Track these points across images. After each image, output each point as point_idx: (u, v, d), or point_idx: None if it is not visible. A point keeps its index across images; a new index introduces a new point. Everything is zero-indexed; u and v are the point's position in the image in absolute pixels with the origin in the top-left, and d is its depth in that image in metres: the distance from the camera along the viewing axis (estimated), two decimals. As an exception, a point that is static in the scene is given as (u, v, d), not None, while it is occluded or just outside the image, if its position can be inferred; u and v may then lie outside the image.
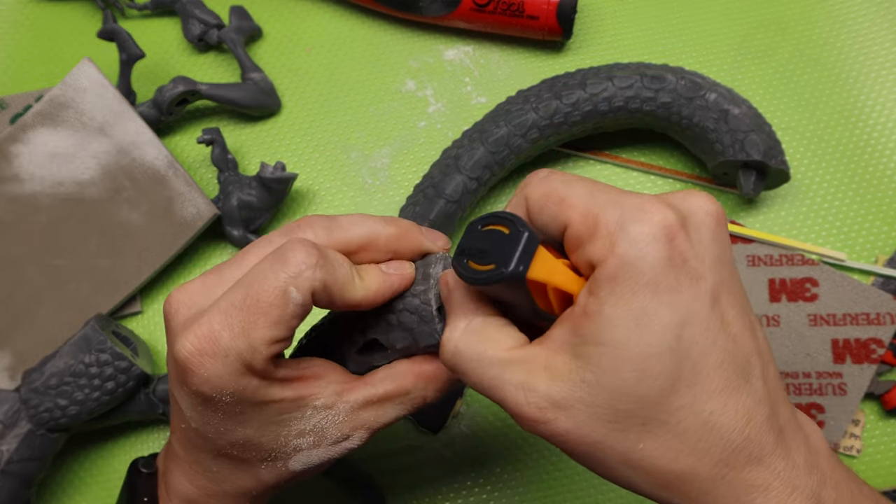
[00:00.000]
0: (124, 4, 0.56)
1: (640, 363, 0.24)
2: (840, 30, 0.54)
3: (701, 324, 0.24)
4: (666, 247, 0.24)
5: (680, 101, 0.47)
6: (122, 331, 0.47)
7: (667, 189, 0.51)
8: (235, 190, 0.49)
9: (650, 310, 0.24)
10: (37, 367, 0.44)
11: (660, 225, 0.24)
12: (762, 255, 0.49)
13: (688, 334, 0.24)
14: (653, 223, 0.24)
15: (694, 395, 0.24)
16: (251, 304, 0.28)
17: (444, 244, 0.35)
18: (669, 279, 0.24)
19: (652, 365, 0.24)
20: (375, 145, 0.53)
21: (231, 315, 0.28)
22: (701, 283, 0.24)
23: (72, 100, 0.50)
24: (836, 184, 0.51)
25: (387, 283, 0.32)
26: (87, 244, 0.49)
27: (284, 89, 0.55)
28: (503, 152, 0.47)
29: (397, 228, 0.33)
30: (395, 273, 0.32)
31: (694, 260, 0.24)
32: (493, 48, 0.55)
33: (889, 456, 0.47)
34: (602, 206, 0.25)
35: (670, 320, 0.24)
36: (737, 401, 0.25)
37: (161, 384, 0.46)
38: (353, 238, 0.32)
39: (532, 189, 0.28)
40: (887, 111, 0.52)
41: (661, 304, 0.24)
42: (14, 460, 0.42)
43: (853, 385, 0.47)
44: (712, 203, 0.26)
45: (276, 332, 0.29)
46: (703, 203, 0.26)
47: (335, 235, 0.32)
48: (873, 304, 0.47)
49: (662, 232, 0.24)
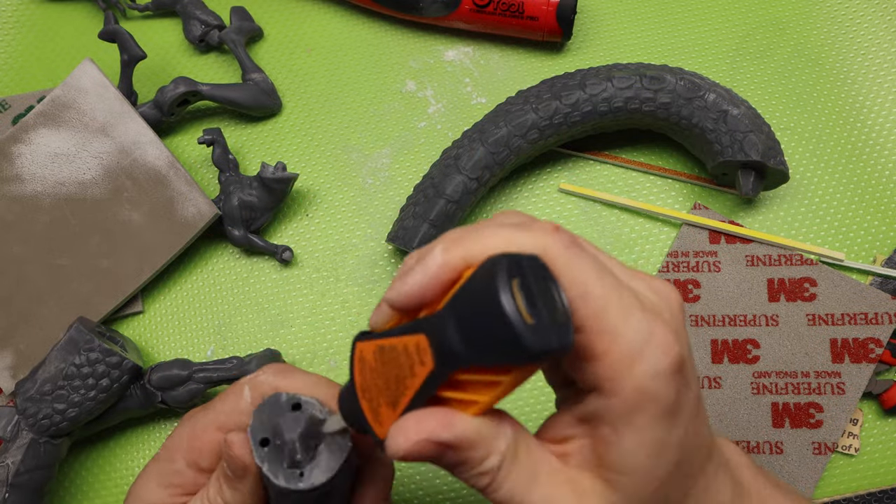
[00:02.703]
0: (125, 5, 0.56)
1: (660, 482, 0.25)
2: (839, 30, 0.54)
3: (693, 424, 0.26)
4: (680, 377, 0.24)
5: (679, 101, 0.47)
6: (105, 330, 0.47)
7: (666, 189, 0.51)
8: (236, 190, 0.49)
9: (667, 437, 0.25)
10: (28, 377, 0.44)
11: (677, 359, 0.24)
12: (761, 254, 0.49)
13: (688, 442, 0.25)
14: (671, 356, 0.24)
15: (695, 480, 0.27)
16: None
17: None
18: (679, 401, 0.25)
19: (668, 479, 0.25)
20: (375, 145, 0.53)
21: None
22: (692, 389, 0.25)
23: (73, 100, 0.50)
24: (835, 184, 0.51)
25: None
26: (88, 244, 0.49)
27: (285, 90, 0.55)
28: (503, 153, 0.47)
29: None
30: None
31: (689, 370, 0.25)
32: (492, 49, 0.55)
33: (887, 455, 0.47)
34: (618, 318, 0.24)
35: (678, 436, 0.25)
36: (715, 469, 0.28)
37: (155, 372, 0.46)
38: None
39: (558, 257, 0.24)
40: (886, 111, 0.52)
41: (673, 427, 0.25)
42: (21, 472, 0.42)
43: (851, 384, 0.47)
44: (677, 291, 0.27)
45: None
46: (676, 295, 0.27)
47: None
48: (871, 303, 0.48)
49: (678, 365, 0.24)
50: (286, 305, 0.51)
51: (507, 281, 0.20)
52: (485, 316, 0.20)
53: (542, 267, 0.22)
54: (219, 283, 0.51)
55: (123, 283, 0.49)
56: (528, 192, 0.52)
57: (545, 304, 0.21)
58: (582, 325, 0.24)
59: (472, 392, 0.23)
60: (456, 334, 0.21)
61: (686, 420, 0.25)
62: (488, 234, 0.24)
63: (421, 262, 0.24)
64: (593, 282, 0.23)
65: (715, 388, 0.47)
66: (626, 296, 0.24)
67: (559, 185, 0.52)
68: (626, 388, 0.24)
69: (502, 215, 0.26)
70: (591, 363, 0.24)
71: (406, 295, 0.24)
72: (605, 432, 0.25)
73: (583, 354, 0.24)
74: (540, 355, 0.20)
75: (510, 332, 0.20)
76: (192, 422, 0.33)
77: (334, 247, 0.52)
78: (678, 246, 0.50)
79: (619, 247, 0.51)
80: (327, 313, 0.51)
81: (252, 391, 0.32)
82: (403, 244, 0.47)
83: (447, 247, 0.24)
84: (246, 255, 0.52)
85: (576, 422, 0.26)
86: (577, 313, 0.23)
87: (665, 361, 0.24)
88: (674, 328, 0.25)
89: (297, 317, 0.51)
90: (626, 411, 0.24)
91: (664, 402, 0.24)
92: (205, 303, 0.51)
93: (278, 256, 0.50)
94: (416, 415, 0.23)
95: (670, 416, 0.24)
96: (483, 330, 0.21)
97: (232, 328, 0.50)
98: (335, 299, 0.51)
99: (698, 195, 0.51)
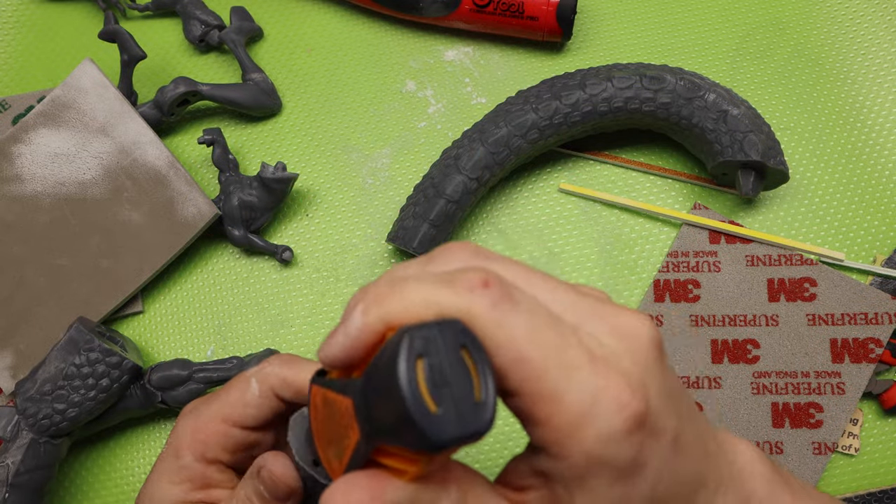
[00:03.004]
0: (125, 5, 0.56)
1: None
2: (839, 30, 0.54)
3: (667, 471, 0.23)
4: (639, 433, 0.21)
5: (679, 101, 0.47)
6: (105, 330, 0.47)
7: (666, 189, 0.51)
8: (236, 190, 0.49)
9: (627, 494, 0.22)
10: (28, 377, 0.44)
11: (634, 415, 0.21)
12: (761, 254, 0.49)
13: (662, 489, 0.23)
14: (625, 414, 0.21)
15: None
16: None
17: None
18: (641, 458, 0.22)
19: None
20: (375, 145, 0.53)
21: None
22: (663, 436, 0.22)
23: (73, 100, 0.50)
24: (835, 184, 0.51)
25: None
26: (88, 244, 0.49)
27: (285, 90, 0.55)
28: (503, 153, 0.47)
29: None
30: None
31: (656, 419, 0.22)
32: (492, 49, 0.55)
33: (887, 455, 0.47)
34: (558, 380, 0.21)
35: (645, 489, 0.22)
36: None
37: (155, 373, 0.46)
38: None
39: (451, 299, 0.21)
40: (885, 111, 0.52)
41: (636, 484, 0.22)
42: (21, 472, 0.42)
43: (851, 384, 0.47)
44: (650, 326, 0.23)
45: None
46: (646, 330, 0.23)
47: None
48: (871, 303, 0.48)
49: (636, 422, 0.21)
50: (286, 305, 0.51)
51: (410, 363, 0.19)
52: (389, 399, 0.19)
53: (462, 333, 0.20)
54: (219, 283, 0.51)
55: (123, 283, 0.49)
56: (528, 192, 0.52)
57: (459, 384, 0.19)
58: (518, 389, 0.21)
59: (402, 462, 0.21)
60: (367, 411, 0.20)
61: (654, 472, 0.22)
62: (410, 291, 0.22)
63: (343, 324, 0.22)
64: (527, 343, 0.21)
65: (715, 388, 0.47)
66: (570, 352, 0.21)
67: (559, 185, 0.52)
68: (574, 455, 0.21)
69: (442, 256, 0.24)
70: (535, 427, 0.22)
71: (331, 357, 0.22)
72: (559, 491, 0.22)
73: (525, 418, 0.22)
74: (445, 445, 0.18)
75: (410, 422, 0.18)
76: (195, 415, 0.33)
77: (334, 247, 0.52)
78: (678, 246, 0.50)
79: (619, 247, 0.51)
80: (327, 313, 0.51)
81: (260, 384, 0.32)
82: (403, 244, 0.47)
83: (367, 308, 0.22)
84: (246, 255, 0.52)
85: (533, 473, 0.24)
86: (510, 378, 0.21)
87: (617, 422, 0.21)
88: (634, 378, 0.22)
89: (297, 317, 0.51)
90: (577, 476, 0.22)
91: (619, 464, 0.21)
92: (205, 303, 0.51)
93: (278, 256, 0.50)
94: (346, 482, 0.21)
95: (630, 476, 0.22)
96: (388, 413, 0.19)
97: (232, 328, 0.51)
98: (335, 299, 0.51)
99: (698, 195, 0.51)
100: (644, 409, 0.21)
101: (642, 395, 0.22)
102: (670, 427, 0.23)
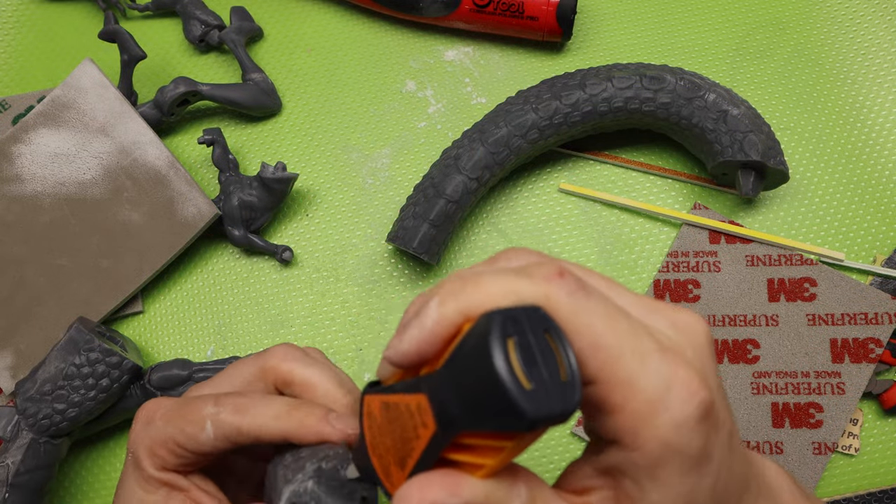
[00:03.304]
0: (125, 5, 0.56)
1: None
2: (839, 30, 0.54)
3: (726, 465, 0.24)
4: (708, 422, 0.22)
5: (679, 101, 0.47)
6: (105, 330, 0.47)
7: (666, 189, 0.51)
8: (236, 190, 0.49)
9: (696, 488, 0.23)
10: (28, 377, 0.44)
11: (703, 403, 0.22)
12: (761, 254, 0.49)
13: (721, 486, 0.24)
14: (696, 402, 0.22)
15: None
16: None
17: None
18: (708, 449, 0.23)
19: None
20: (375, 145, 0.53)
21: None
22: (722, 430, 0.23)
23: (73, 100, 0.50)
24: (835, 184, 0.51)
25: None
26: (88, 244, 0.49)
27: (285, 90, 0.55)
28: (503, 153, 0.47)
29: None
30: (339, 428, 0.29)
31: (717, 410, 0.23)
32: (492, 49, 0.55)
33: (887, 455, 0.47)
34: (633, 366, 0.22)
35: (709, 484, 0.23)
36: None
37: (155, 373, 0.46)
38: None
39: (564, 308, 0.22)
40: (885, 111, 0.52)
41: (703, 477, 0.23)
42: (21, 472, 0.42)
43: (851, 384, 0.47)
44: (705, 323, 0.25)
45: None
46: (703, 327, 0.24)
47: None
48: (871, 303, 0.48)
49: (705, 410, 0.22)
50: (286, 305, 0.51)
51: (502, 341, 0.19)
52: (479, 380, 0.19)
53: (544, 319, 0.20)
54: (219, 283, 0.51)
55: (123, 283, 0.49)
56: (528, 192, 0.52)
57: (546, 364, 0.19)
58: (595, 376, 0.22)
59: (479, 455, 0.21)
60: (452, 398, 0.20)
61: (717, 465, 0.23)
62: (486, 282, 0.22)
63: (417, 318, 0.22)
64: (603, 329, 0.22)
65: (715, 388, 0.48)
66: (641, 339, 0.22)
67: (559, 185, 0.52)
68: (649, 442, 0.22)
69: (505, 256, 0.25)
70: (608, 416, 0.22)
71: (403, 354, 0.22)
72: (629, 486, 0.23)
73: (599, 407, 0.22)
74: (540, 423, 0.19)
75: (506, 398, 0.18)
76: (152, 429, 0.31)
77: (334, 247, 0.52)
78: (678, 246, 0.50)
79: (619, 247, 0.51)
80: (327, 313, 0.51)
81: (215, 429, 0.30)
82: (403, 244, 0.47)
83: (443, 300, 0.22)
84: (246, 255, 0.52)
85: (597, 473, 0.24)
86: (587, 365, 0.22)
87: (689, 409, 0.22)
88: (699, 368, 0.23)
89: (297, 317, 0.51)
90: (650, 466, 0.22)
91: (691, 453, 0.22)
92: (205, 303, 0.51)
93: (278, 256, 0.50)
94: (420, 480, 0.21)
95: (699, 466, 0.22)
96: (478, 395, 0.19)
97: (232, 328, 0.51)
98: (335, 299, 0.51)
99: (698, 195, 0.51)
100: (711, 399, 0.22)
101: (709, 383, 0.22)
102: (728, 421, 0.24)
